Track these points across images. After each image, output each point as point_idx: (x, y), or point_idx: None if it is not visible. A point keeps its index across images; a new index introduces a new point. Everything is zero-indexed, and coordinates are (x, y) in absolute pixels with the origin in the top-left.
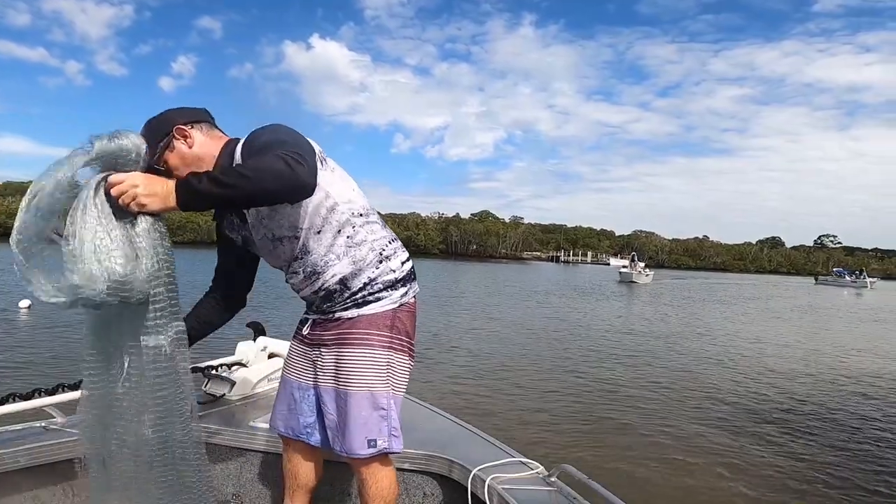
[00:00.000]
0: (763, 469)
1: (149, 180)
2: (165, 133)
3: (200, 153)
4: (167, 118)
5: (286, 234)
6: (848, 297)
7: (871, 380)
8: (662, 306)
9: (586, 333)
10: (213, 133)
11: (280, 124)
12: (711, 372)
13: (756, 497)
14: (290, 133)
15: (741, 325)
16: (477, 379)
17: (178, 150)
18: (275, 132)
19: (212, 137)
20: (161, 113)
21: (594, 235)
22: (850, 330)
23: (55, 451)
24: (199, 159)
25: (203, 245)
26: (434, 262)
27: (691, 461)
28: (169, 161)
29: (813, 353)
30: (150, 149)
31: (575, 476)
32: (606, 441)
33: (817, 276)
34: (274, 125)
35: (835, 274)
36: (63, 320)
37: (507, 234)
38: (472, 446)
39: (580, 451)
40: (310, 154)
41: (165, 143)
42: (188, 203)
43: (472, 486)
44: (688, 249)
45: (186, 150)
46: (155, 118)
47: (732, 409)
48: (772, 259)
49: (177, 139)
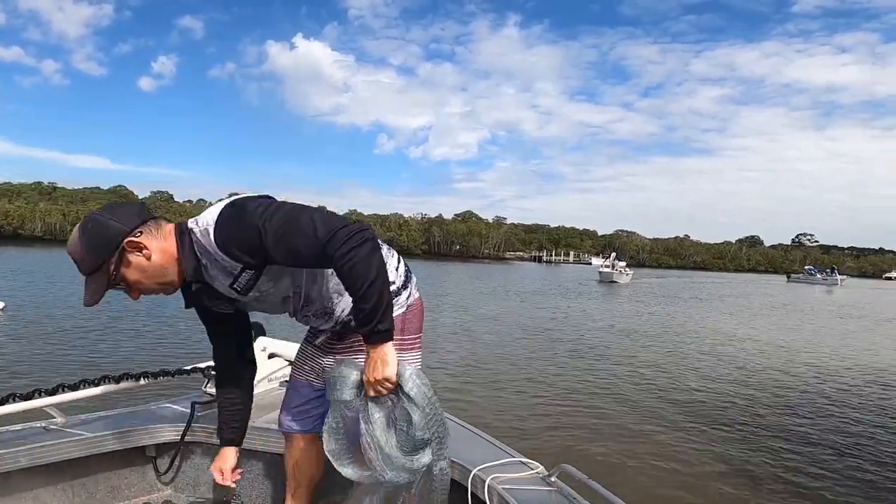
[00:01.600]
0: (764, 467)
1: (377, 363)
2: (114, 247)
3: (162, 261)
4: (109, 231)
5: (288, 294)
6: (819, 295)
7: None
8: (636, 304)
9: (576, 332)
10: (161, 229)
11: (259, 205)
12: (707, 371)
13: (756, 496)
14: (297, 211)
15: (722, 322)
16: (473, 378)
17: (135, 264)
18: (287, 221)
19: (164, 237)
20: (95, 222)
21: (576, 235)
22: (823, 328)
23: (55, 451)
24: (162, 269)
25: None
26: (417, 263)
27: (691, 461)
28: (127, 278)
29: (803, 353)
30: (97, 272)
31: (575, 476)
32: (606, 441)
33: (790, 274)
34: (251, 208)
35: (806, 272)
36: (38, 327)
37: (490, 235)
38: (472, 446)
39: (580, 451)
40: (330, 214)
41: (118, 260)
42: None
43: (472, 486)
44: (668, 249)
45: (146, 262)
46: (92, 232)
47: (732, 407)
48: (750, 258)
49: (129, 252)
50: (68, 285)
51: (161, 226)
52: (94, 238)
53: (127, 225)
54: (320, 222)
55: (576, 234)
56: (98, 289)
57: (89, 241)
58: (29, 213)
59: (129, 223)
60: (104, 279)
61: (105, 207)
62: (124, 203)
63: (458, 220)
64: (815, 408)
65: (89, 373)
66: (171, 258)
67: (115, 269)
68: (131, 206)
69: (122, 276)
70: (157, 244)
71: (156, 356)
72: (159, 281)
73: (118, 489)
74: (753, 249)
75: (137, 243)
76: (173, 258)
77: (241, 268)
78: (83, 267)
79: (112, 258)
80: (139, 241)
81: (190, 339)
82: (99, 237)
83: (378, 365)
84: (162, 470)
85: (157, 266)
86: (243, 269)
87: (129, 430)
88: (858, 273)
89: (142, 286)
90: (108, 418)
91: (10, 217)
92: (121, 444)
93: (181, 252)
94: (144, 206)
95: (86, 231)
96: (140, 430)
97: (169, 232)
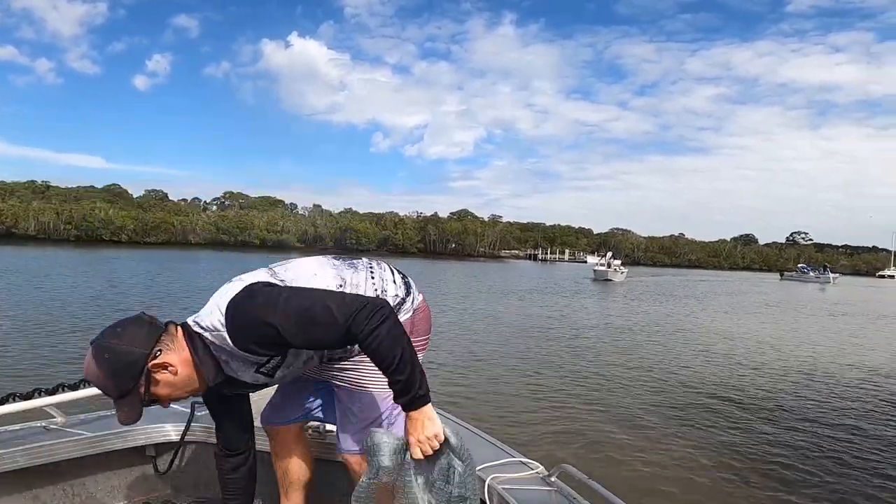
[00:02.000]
0: (764, 467)
1: (423, 423)
2: (140, 372)
3: (188, 372)
4: (130, 357)
5: (311, 355)
6: (812, 293)
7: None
8: (631, 302)
9: (574, 331)
10: (175, 339)
11: (265, 301)
12: (705, 370)
13: (756, 495)
14: (308, 300)
15: (718, 321)
16: (471, 376)
17: (164, 381)
18: (301, 314)
19: (181, 347)
20: (111, 351)
21: (572, 233)
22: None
23: (55, 451)
24: (190, 379)
25: (176, 245)
26: (412, 261)
27: (691, 460)
28: (159, 394)
29: (798, 350)
30: (128, 395)
31: (575, 476)
32: (606, 441)
33: (783, 272)
34: (259, 305)
35: (799, 270)
36: (38, 327)
37: (486, 233)
38: (472, 446)
39: (580, 451)
40: (351, 297)
41: (146, 383)
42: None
43: None
44: (663, 247)
45: (174, 378)
46: (111, 361)
47: (731, 407)
48: (745, 256)
49: (156, 373)
50: (68, 285)
51: (173, 335)
52: (116, 366)
53: (146, 347)
54: (336, 309)
55: (571, 232)
56: (133, 410)
57: (111, 370)
58: (22, 212)
59: (146, 345)
60: (137, 401)
61: (112, 333)
62: (127, 322)
63: (454, 219)
64: (820, 408)
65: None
66: (194, 365)
67: (146, 391)
68: (138, 324)
69: (154, 395)
70: (177, 357)
71: None
72: (188, 389)
73: (118, 489)
74: (748, 248)
75: (162, 364)
76: (194, 364)
77: (266, 359)
78: (111, 394)
79: (140, 383)
80: (163, 361)
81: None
82: (120, 365)
83: (425, 424)
84: (162, 470)
85: (184, 378)
86: (269, 359)
87: (129, 430)
88: (852, 271)
89: (172, 398)
90: (108, 418)
91: (4, 216)
92: (121, 443)
93: (196, 358)
94: (151, 320)
95: (104, 361)
96: (140, 429)
97: (181, 339)
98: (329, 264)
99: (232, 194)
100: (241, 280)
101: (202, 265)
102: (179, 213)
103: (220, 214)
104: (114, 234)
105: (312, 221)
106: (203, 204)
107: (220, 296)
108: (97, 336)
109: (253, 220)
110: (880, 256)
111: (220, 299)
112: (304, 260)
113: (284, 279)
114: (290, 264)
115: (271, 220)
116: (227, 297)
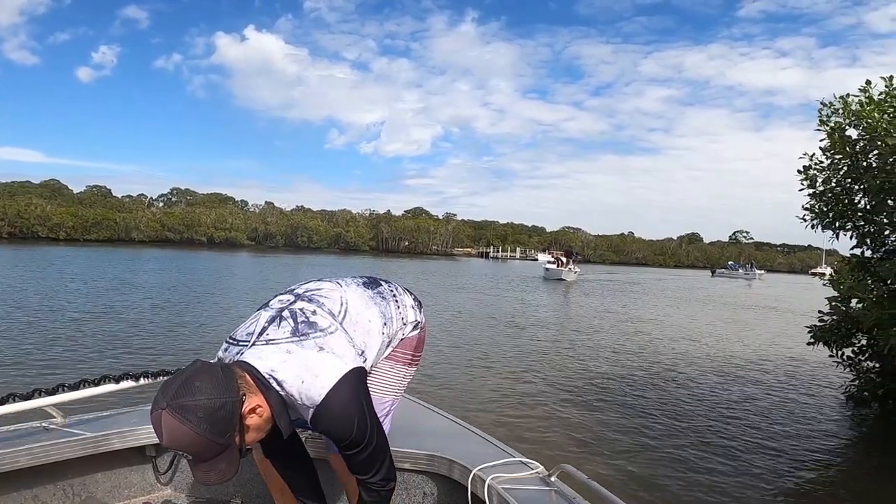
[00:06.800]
0: (764, 467)
1: None
2: (237, 421)
3: (269, 413)
4: (226, 408)
5: None
6: (738, 289)
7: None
8: (593, 299)
9: (515, 327)
10: (247, 382)
11: (364, 426)
12: (695, 369)
13: (757, 494)
14: (384, 445)
15: (689, 320)
16: (463, 372)
17: (254, 426)
18: (374, 449)
19: (255, 389)
20: (204, 409)
21: (524, 232)
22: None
23: (55, 451)
24: (269, 420)
25: (119, 242)
26: (365, 259)
27: (691, 460)
28: (251, 441)
29: None
30: (225, 451)
31: (575, 476)
32: (606, 441)
33: (713, 269)
34: (355, 423)
35: (728, 267)
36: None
37: (439, 231)
38: (472, 446)
39: (580, 451)
40: (392, 464)
41: (240, 431)
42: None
43: (472, 486)
44: (612, 245)
45: (261, 420)
46: (209, 418)
47: (729, 405)
48: (689, 254)
49: (247, 418)
50: (65, 285)
51: (242, 377)
52: (215, 422)
53: (235, 394)
54: (386, 468)
55: (524, 230)
56: (231, 465)
57: (210, 428)
58: None
59: (235, 391)
60: (234, 455)
61: (188, 389)
62: (199, 373)
63: (407, 217)
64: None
65: (89, 373)
66: (268, 407)
67: (241, 440)
68: (211, 373)
69: (248, 442)
70: (257, 399)
71: (156, 356)
72: (267, 430)
73: (118, 489)
74: (693, 246)
75: (252, 407)
76: (268, 404)
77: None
78: (207, 454)
79: (236, 432)
80: (253, 404)
81: (190, 338)
82: (218, 419)
83: None
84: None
85: (267, 419)
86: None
87: (129, 430)
88: (788, 269)
89: (256, 440)
90: (108, 418)
91: None
92: (121, 443)
93: (272, 407)
94: (218, 365)
95: (198, 422)
96: (140, 429)
97: (249, 380)
98: (371, 302)
99: (180, 191)
100: (333, 353)
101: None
102: (122, 209)
103: (165, 211)
104: (51, 231)
105: (263, 219)
106: (149, 200)
107: (315, 362)
108: (163, 398)
109: (200, 217)
110: (814, 255)
111: (317, 367)
112: (352, 301)
113: (353, 339)
114: (350, 313)
115: (219, 218)
116: (332, 377)
